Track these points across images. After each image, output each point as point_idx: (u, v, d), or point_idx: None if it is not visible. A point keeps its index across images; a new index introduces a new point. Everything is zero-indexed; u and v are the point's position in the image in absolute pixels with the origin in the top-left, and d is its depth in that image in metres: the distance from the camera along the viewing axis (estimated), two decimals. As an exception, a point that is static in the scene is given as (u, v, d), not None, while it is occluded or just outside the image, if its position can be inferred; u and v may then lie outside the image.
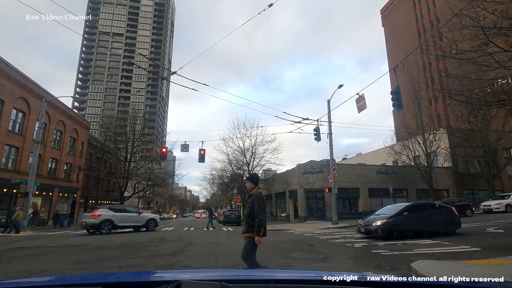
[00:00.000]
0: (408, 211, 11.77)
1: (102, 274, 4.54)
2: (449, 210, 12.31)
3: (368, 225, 11.85)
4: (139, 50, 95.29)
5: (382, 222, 11.43)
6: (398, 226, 11.24)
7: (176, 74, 12.12)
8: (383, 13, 60.57)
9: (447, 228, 11.38)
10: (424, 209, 12.27)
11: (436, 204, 13.10)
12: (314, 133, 20.81)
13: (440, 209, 12.32)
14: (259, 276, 1.98)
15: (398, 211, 11.87)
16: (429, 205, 13.30)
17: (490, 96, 10.90)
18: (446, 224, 11.51)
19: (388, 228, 11.19)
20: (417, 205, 12.86)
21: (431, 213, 11.87)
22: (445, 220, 11.66)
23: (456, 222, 11.81)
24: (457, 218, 11.96)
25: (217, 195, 72.23)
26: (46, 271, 6.35)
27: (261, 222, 4.41)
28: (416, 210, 12.03)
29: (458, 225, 11.84)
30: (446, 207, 12.63)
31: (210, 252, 9.14)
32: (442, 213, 11.98)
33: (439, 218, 11.71)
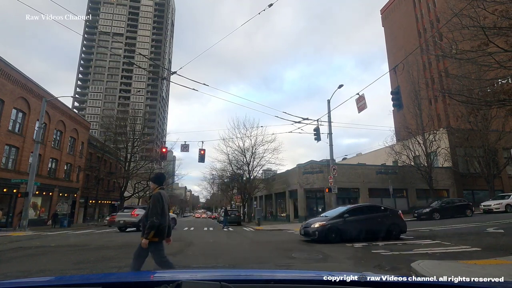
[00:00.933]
0: (350, 213, 11.52)
1: (102, 274, 4.53)
2: (395, 213, 12.07)
3: (308, 227, 11.55)
4: (139, 50, 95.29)
5: (320, 224, 11.15)
6: (337, 229, 10.98)
7: (176, 74, 12.13)
8: (383, 13, 60.59)
9: (391, 232, 11.11)
10: (368, 211, 11.96)
11: (381, 207, 12.77)
12: (314, 133, 20.80)
13: (385, 212, 12.01)
14: (259, 276, 1.98)
15: (339, 213, 11.63)
16: (373, 207, 12.92)
17: (490, 96, 10.88)
18: (389, 228, 11.22)
19: (326, 231, 10.88)
20: (360, 207, 12.69)
21: (374, 216, 11.59)
22: (389, 224, 11.35)
23: (401, 226, 11.48)
24: (402, 222, 11.64)
25: (217, 195, 72.21)
26: (46, 271, 6.35)
27: (152, 225, 4.10)
28: (358, 212, 11.77)
29: (403, 230, 11.49)
30: (392, 210, 12.39)
31: (210, 252, 9.14)
32: (387, 217, 11.68)
33: (383, 221, 11.41)
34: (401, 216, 11.92)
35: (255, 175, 35.24)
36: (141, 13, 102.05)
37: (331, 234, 10.84)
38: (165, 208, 4.35)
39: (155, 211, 4.19)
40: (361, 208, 12.38)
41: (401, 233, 11.42)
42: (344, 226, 11.02)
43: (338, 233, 10.90)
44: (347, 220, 11.19)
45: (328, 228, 10.95)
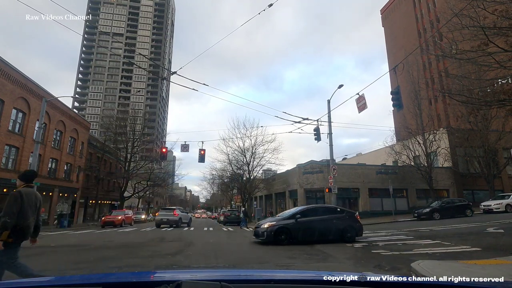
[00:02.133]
0: (303, 214, 11.15)
1: (102, 274, 4.53)
2: (351, 215, 11.79)
3: (258, 228, 11.23)
4: (139, 50, 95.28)
5: (269, 225, 10.80)
6: (287, 230, 10.61)
7: (176, 74, 12.13)
8: (383, 13, 60.58)
9: (345, 234, 10.85)
10: (323, 213, 11.60)
11: (337, 209, 12.45)
12: (314, 133, 20.80)
13: (341, 213, 11.70)
14: (259, 276, 1.99)
15: (291, 214, 11.28)
16: (329, 208, 12.59)
17: (490, 96, 10.88)
18: (344, 230, 10.95)
19: (276, 232, 10.50)
20: (314, 208, 12.31)
21: (329, 218, 11.26)
22: (344, 226, 11.04)
23: (356, 228, 11.21)
24: (358, 224, 11.41)
25: (217, 195, 72.22)
26: (46, 271, 6.35)
27: (4, 225, 3.79)
28: (312, 213, 11.40)
29: (358, 232, 11.22)
30: (348, 212, 12.12)
31: (210, 252, 9.14)
32: (342, 218, 11.36)
33: (337, 223, 11.09)
34: (357, 218, 11.69)
35: (255, 175, 35.28)
36: (141, 13, 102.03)
37: (280, 235, 10.48)
38: (26, 208, 4.06)
39: (9, 210, 3.89)
40: (316, 209, 12.02)
41: (357, 235, 11.14)
42: (295, 227, 10.66)
43: (288, 235, 10.53)
44: (299, 221, 10.81)
45: (277, 229, 10.59)
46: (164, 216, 23.02)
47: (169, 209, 24.53)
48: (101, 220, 26.92)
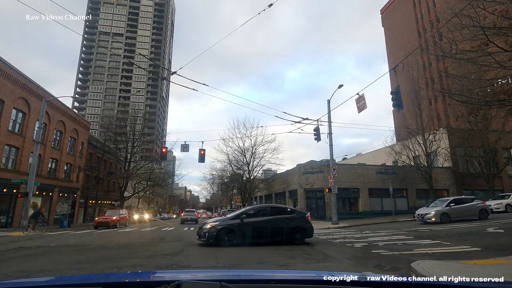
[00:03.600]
0: (249, 214, 10.69)
1: (102, 274, 4.54)
2: (302, 215, 11.31)
3: (201, 228, 10.64)
4: (139, 50, 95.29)
5: (212, 225, 10.24)
6: (230, 231, 10.11)
7: (176, 74, 12.14)
8: (383, 13, 60.58)
9: (295, 236, 10.48)
10: (271, 213, 11.06)
11: (288, 209, 11.99)
12: (314, 133, 20.82)
13: (292, 214, 11.24)
14: (259, 276, 1.99)
15: (237, 214, 10.75)
16: (278, 208, 12.10)
17: (490, 96, 10.89)
18: (294, 231, 10.54)
19: (218, 233, 9.98)
20: (263, 208, 11.79)
21: (278, 219, 10.80)
22: (294, 227, 10.62)
23: (306, 230, 10.79)
24: (308, 225, 10.97)
25: (217, 195, 72.20)
26: (46, 271, 6.35)
27: None
28: (260, 213, 10.95)
29: (308, 233, 10.80)
30: (299, 212, 11.61)
31: (210, 252, 9.13)
32: (292, 219, 10.90)
33: (287, 224, 10.64)
34: (308, 219, 11.22)
35: (255, 175, 35.28)
36: (141, 13, 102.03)
37: (223, 236, 9.99)
38: None
39: None
40: (264, 209, 11.46)
41: (307, 237, 10.76)
42: (239, 228, 10.17)
43: (231, 236, 10.06)
44: (245, 221, 10.30)
45: (219, 230, 10.06)
46: (188, 215, 31.57)
47: (191, 211, 35.27)
48: (95, 221, 25.64)
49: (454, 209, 17.01)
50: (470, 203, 17.50)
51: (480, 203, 17.64)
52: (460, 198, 18.85)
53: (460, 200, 17.94)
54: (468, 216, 17.08)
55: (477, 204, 17.48)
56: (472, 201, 17.81)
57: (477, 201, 17.90)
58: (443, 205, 17.39)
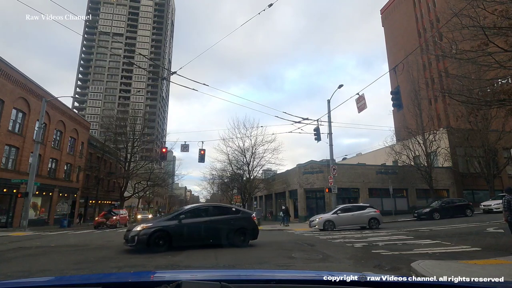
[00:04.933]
0: (189, 214, 9.73)
1: (102, 274, 4.54)
2: (247, 216, 10.54)
3: (129, 231, 9.26)
4: (139, 50, 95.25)
5: (144, 227, 8.98)
6: (166, 233, 9.08)
7: (176, 74, 12.14)
8: (383, 13, 60.59)
9: (238, 237, 9.79)
10: (214, 213, 10.21)
11: (232, 208, 11.15)
12: (314, 133, 20.82)
13: (237, 214, 10.48)
14: (259, 276, 1.99)
15: (175, 214, 9.75)
16: (222, 208, 11.15)
17: (490, 96, 10.89)
18: (238, 233, 9.85)
19: (151, 237, 8.80)
20: (204, 208, 10.80)
21: (222, 219, 9.99)
22: (238, 228, 9.93)
23: (251, 231, 10.16)
24: (253, 226, 10.32)
25: (217, 195, 72.16)
26: (46, 271, 6.35)
27: None
28: (202, 213, 10.08)
29: (253, 235, 10.19)
30: (244, 212, 10.92)
31: (210, 252, 9.13)
32: (237, 219, 10.16)
33: (231, 224, 9.91)
34: (253, 220, 10.60)
35: (255, 175, 35.26)
36: (141, 13, 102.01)
37: (156, 240, 8.88)
38: None
39: None
40: (206, 209, 10.57)
41: (251, 238, 10.19)
42: (177, 230, 9.20)
43: (167, 239, 9.01)
44: (183, 222, 9.35)
45: (152, 233, 8.89)
46: None
47: None
48: (94, 221, 25.94)
49: (341, 216, 17.04)
50: (360, 211, 17.33)
51: (373, 212, 17.30)
52: (352, 206, 18.96)
53: (350, 208, 18.02)
54: (357, 224, 17.10)
55: (368, 212, 17.22)
56: (365, 209, 17.62)
57: (370, 209, 17.55)
58: (330, 212, 17.78)
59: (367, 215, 17.09)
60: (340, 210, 17.55)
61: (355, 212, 17.34)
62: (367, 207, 17.87)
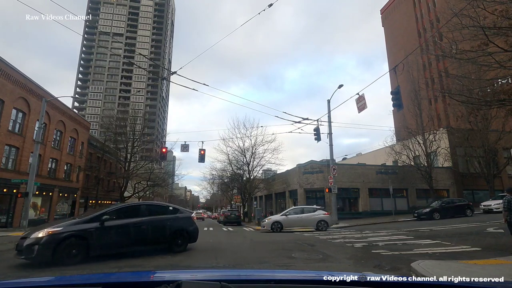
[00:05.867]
0: (114, 214, 8.07)
1: (102, 274, 4.54)
2: (186, 216, 9.40)
3: (25, 238, 7.05)
4: (139, 50, 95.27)
5: (49, 233, 6.92)
6: (83, 240, 7.20)
7: (176, 74, 12.14)
8: (383, 13, 60.59)
9: (176, 241, 8.70)
10: (146, 213, 8.67)
11: (169, 207, 9.64)
12: (314, 133, 20.83)
13: (175, 213, 9.20)
14: (259, 276, 1.99)
15: (95, 215, 7.79)
16: (156, 207, 9.58)
17: (490, 96, 10.89)
18: (175, 236, 8.72)
19: (56, 246, 6.77)
20: (134, 207, 9.04)
21: (155, 220, 8.60)
22: (176, 230, 8.76)
23: (190, 233, 9.08)
24: (193, 227, 9.25)
25: (217, 195, 72.19)
26: (46, 271, 6.34)
27: None
28: (131, 213, 8.42)
29: (192, 237, 9.16)
30: (183, 211, 9.61)
31: (210, 252, 9.13)
32: (174, 220, 8.94)
33: (167, 226, 8.68)
34: (193, 220, 9.58)
35: (255, 175, 35.27)
36: (141, 13, 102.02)
37: (68, 249, 6.91)
38: None
39: None
40: (136, 208, 8.84)
41: (190, 241, 9.12)
42: (97, 234, 7.40)
43: (83, 247, 7.13)
44: (106, 225, 7.58)
45: (62, 240, 6.89)
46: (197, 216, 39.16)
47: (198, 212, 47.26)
48: None
49: (290, 218, 17.44)
50: (309, 214, 17.65)
51: (322, 214, 17.59)
52: (303, 208, 19.35)
53: (301, 210, 18.39)
54: (305, 226, 17.46)
55: (317, 215, 17.49)
56: (314, 211, 17.92)
57: (320, 212, 17.87)
58: (280, 213, 18.49)
59: (315, 217, 17.33)
60: (290, 211, 18.15)
61: (304, 214, 17.72)
62: (317, 210, 18.23)
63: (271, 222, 17.61)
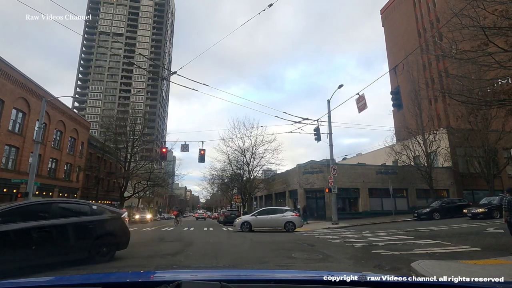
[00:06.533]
0: (9, 217, 6.09)
1: (102, 274, 4.53)
2: (114, 217, 7.57)
3: None
4: (139, 50, 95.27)
5: None
6: None
7: (176, 74, 12.14)
8: (383, 13, 60.58)
9: (99, 250, 6.89)
10: (56, 214, 6.66)
11: (92, 206, 7.55)
12: (314, 133, 20.82)
13: (98, 214, 7.27)
14: (259, 276, 1.99)
15: None
16: (72, 206, 7.55)
17: (490, 96, 10.89)
18: (98, 243, 6.93)
19: None
20: (41, 205, 7.05)
21: (70, 224, 6.66)
22: (99, 236, 7.05)
23: (118, 238, 7.41)
24: (123, 231, 7.58)
25: (217, 195, 72.19)
26: (46, 271, 6.34)
27: None
28: (34, 215, 6.46)
29: (121, 243, 7.49)
30: (111, 212, 7.81)
31: (210, 252, 9.13)
32: (99, 223, 7.14)
33: (87, 231, 6.88)
34: (125, 223, 7.85)
35: (255, 175, 35.29)
36: (141, 13, 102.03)
37: None
38: None
39: None
40: (45, 207, 6.82)
41: (118, 248, 7.42)
42: None
43: None
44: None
45: None
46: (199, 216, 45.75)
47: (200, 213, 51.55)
48: None
49: (259, 218, 17.55)
50: (278, 215, 17.70)
51: (290, 216, 17.48)
52: (272, 208, 19.69)
53: (270, 211, 18.63)
54: (273, 226, 17.45)
55: (285, 216, 17.51)
56: (283, 212, 17.99)
57: (289, 213, 17.87)
58: (250, 214, 18.89)
59: (283, 218, 17.36)
60: (259, 212, 18.34)
61: (272, 215, 17.81)
62: (286, 211, 18.26)
63: (241, 222, 17.81)
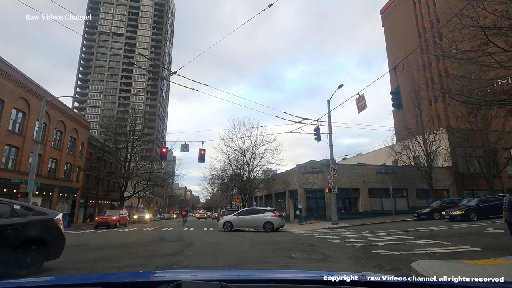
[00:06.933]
0: None
1: (102, 274, 4.54)
2: (43, 219, 6.41)
3: None
4: (139, 50, 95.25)
5: None
6: None
7: (176, 74, 12.14)
8: (383, 13, 60.56)
9: (20, 259, 5.74)
10: None
11: (14, 206, 6.08)
12: (314, 133, 20.82)
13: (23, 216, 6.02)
14: (259, 276, 1.99)
15: None
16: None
17: (490, 96, 10.89)
18: (24, 249, 5.79)
19: None
20: None
21: None
22: (24, 241, 5.84)
23: (48, 244, 6.22)
24: (54, 235, 6.42)
25: (217, 195, 72.17)
26: (46, 271, 6.34)
27: None
28: None
29: (52, 252, 6.29)
30: (39, 213, 6.56)
31: (210, 252, 9.13)
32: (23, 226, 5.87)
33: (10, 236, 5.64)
34: (58, 225, 6.60)
35: (255, 175, 35.26)
36: (141, 13, 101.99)
37: None
38: None
39: None
40: None
41: (49, 257, 6.26)
42: None
43: None
44: None
45: None
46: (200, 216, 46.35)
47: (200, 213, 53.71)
48: (94, 221, 26.18)
49: (240, 218, 18.21)
50: (257, 215, 18.17)
51: (269, 216, 17.91)
52: (253, 209, 20.47)
53: (251, 211, 19.22)
54: (253, 226, 18.01)
55: (264, 216, 17.91)
56: (263, 212, 18.39)
57: (268, 213, 18.21)
58: (233, 214, 19.54)
59: (262, 218, 17.82)
60: (241, 212, 19.06)
61: (252, 215, 18.32)
62: (266, 211, 18.66)
63: (223, 221, 18.60)
